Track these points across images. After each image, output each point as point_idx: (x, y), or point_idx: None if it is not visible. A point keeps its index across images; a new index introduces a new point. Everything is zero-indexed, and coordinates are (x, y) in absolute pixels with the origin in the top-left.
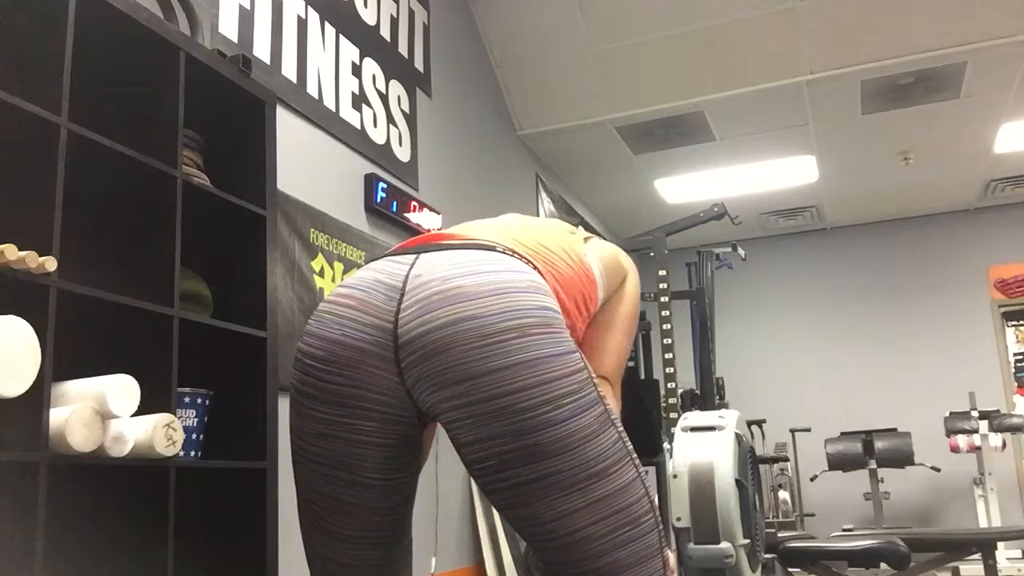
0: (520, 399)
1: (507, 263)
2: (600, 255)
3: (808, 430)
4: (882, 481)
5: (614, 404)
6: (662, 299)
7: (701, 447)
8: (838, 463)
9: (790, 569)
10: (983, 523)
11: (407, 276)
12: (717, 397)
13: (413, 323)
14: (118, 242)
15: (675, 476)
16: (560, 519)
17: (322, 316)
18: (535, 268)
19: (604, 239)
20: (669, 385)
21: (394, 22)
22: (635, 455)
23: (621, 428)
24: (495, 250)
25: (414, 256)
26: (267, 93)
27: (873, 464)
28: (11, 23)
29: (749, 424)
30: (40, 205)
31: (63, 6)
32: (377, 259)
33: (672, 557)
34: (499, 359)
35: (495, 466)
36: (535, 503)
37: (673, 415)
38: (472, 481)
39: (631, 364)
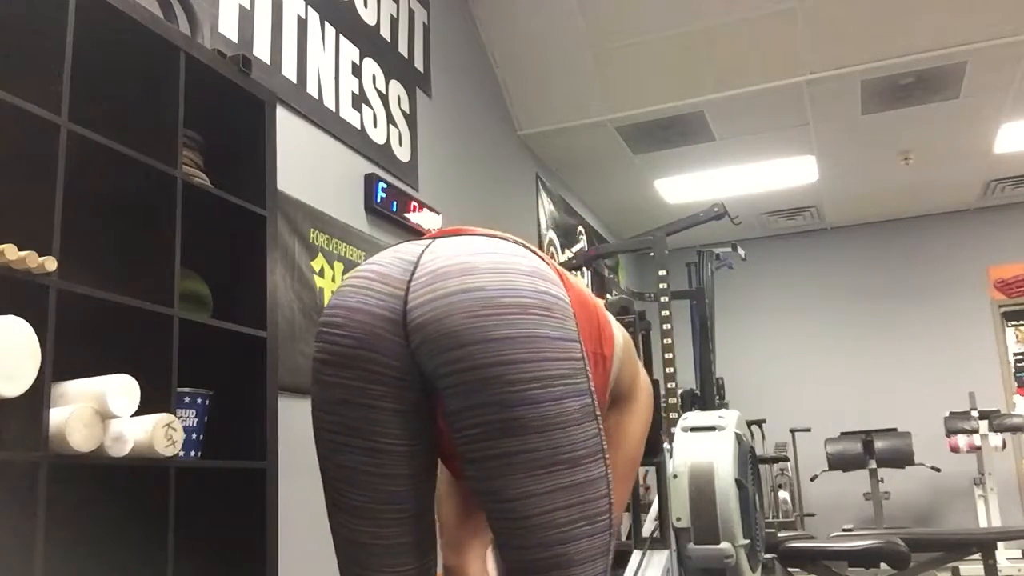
0: (510, 371)
1: (518, 250)
2: (621, 330)
3: (808, 430)
4: (882, 481)
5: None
6: (662, 299)
7: (701, 447)
8: (838, 463)
9: (790, 569)
10: (983, 523)
11: (423, 252)
12: (717, 397)
13: (422, 291)
14: (118, 242)
15: (675, 476)
16: (523, 499)
17: (343, 289)
18: (549, 265)
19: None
20: (669, 385)
21: (394, 22)
22: (608, 456)
23: (602, 426)
24: (508, 240)
25: (431, 240)
26: (267, 93)
27: (873, 464)
28: (11, 23)
29: (749, 424)
30: (40, 205)
31: (63, 6)
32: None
33: None
34: (495, 330)
35: (477, 435)
36: (504, 477)
37: (673, 415)
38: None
39: None
